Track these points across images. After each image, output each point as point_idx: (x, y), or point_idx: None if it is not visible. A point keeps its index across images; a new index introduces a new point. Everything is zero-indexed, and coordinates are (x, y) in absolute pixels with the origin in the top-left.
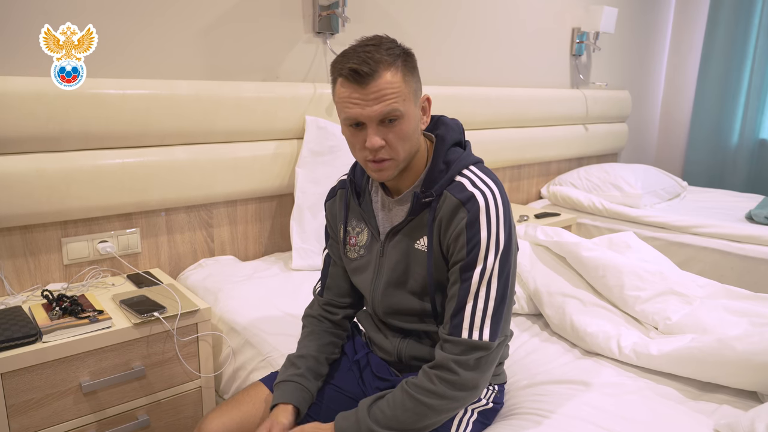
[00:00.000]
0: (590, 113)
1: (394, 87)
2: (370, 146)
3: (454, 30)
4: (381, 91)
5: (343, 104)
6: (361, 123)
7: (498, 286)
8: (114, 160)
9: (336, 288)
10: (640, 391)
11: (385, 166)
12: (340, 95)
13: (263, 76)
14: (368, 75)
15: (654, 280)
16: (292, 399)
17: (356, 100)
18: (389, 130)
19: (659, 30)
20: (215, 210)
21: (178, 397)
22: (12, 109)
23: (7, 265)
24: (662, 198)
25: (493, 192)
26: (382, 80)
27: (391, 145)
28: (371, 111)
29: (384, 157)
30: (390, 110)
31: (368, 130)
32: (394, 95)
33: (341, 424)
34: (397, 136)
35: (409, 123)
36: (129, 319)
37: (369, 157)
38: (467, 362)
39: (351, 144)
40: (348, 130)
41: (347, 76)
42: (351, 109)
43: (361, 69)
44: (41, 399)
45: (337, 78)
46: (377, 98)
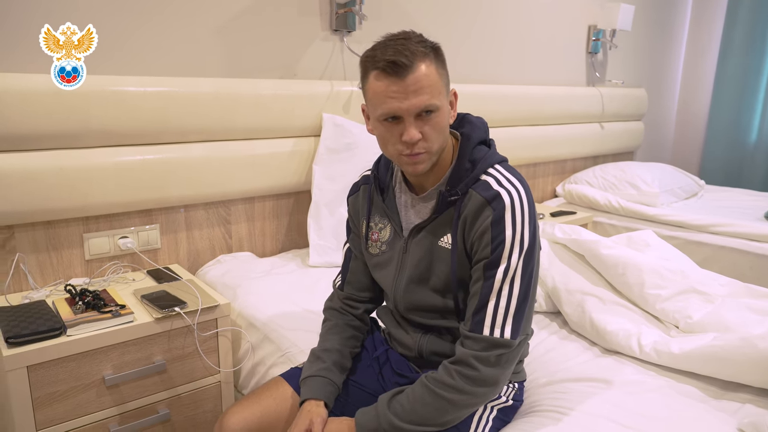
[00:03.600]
0: (606, 111)
1: (431, 79)
2: (409, 139)
3: (471, 28)
4: (419, 83)
5: (379, 99)
6: (397, 117)
7: (521, 284)
8: (134, 156)
9: (356, 282)
10: (661, 389)
11: (421, 159)
12: (375, 89)
13: (281, 74)
14: (407, 67)
15: (675, 278)
16: (321, 395)
17: (394, 94)
18: (425, 123)
19: (676, 27)
20: (233, 207)
21: (198, 391)
22: (33, 106)
23: (31, 259)
24: (679, 197)
25: (519, 191)
26: (419, 72)
27: (427, 137)
28: (410, 104)
29: (420, 151)
30: (429, 103)
31: (405, 123)
32: (431, 87)
33: (361, 419)
34: (433, 128)
35: (443, 116)
36: (150, 313)
37: (405, 151)
38: (488, 358)
39: (383, 139)
40: (382, 125)
41: (384, 69)
42: (389, 103)
43: (400, 60)
44: (65, 391)
45: (371, 72)
46: (416, 91)
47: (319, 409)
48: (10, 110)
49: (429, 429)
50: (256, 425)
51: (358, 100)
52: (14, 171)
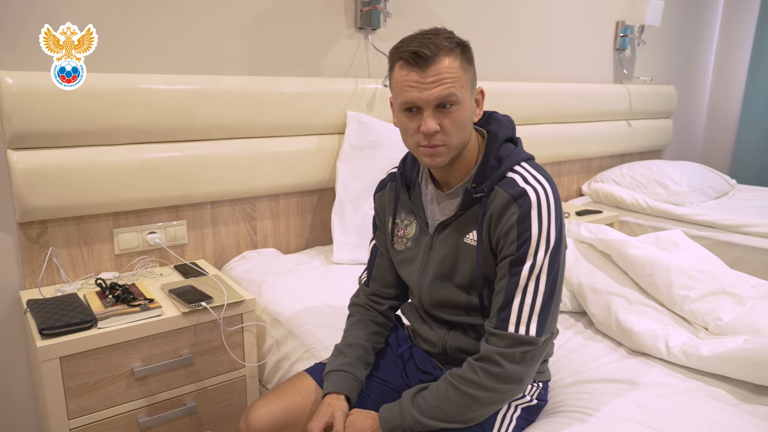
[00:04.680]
0: (634, 109)
1: (453, 72)
2: (426, 130)
3: (496, 24)
4: (440, 74)
5: (400, 88)
6: (417, 108)
7: (547, 282)
8: (162, 153)
9: (382, 279)
10: (689, 392)
11: (438, 151)
12: (397, 79)
13: (305, 72)
14: (429, 58)
15: (704, 279)
16: (343, 388)
17: (414, 83)
18: (444, 115)
19: (707, 22)
20: (258, 203)
21: (223, 385)
22: (67, 104)
23: (63, 253)
24: (709, 196)
25: (545, 188)
26: (441, 64)
27: (446, 130)
28: (429, 94)
29: (437, 143)
30: (447, 94)
31: (424, 113)
32: (452, 80)
33: (385, 414)
34: (452, 122)
35: (464, 111)
36: (178, 308)
37: (423, 142)
38: (513, 355)
39: (404, 130)
40: (403, 116)
41: (407, 59)
42: (408, 93)
43: (422, 51)
44: (96, 382)
45: (396, 62)
46: (435, 82)
47: (340, 402)
48: (48, 108)
49: (453, 426)
50: (282, 419)
51: (382, 98)
52: (50, 167)
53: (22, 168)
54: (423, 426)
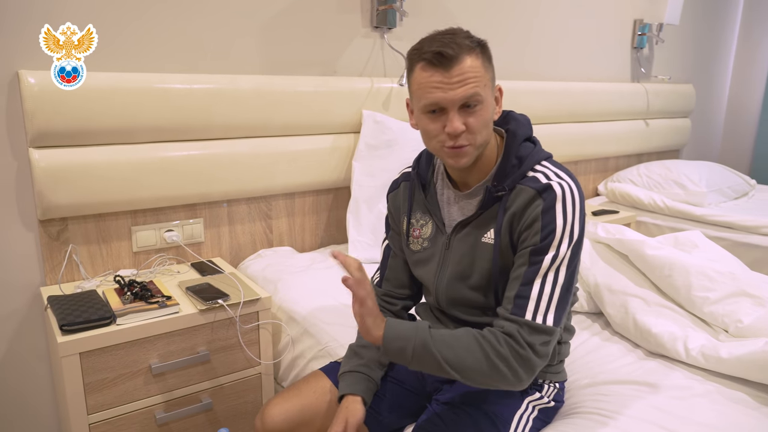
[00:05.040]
0: (651, 108)
1: (476, 71)
2: (452, 131)
3: (513, 23)
4: (464, 74)
5: (423, 89)
6: (440, 109)
7: (566, 274)
8: (180, 152)
9: (395, 280)
10: (709, 394)
11: (464, 151)
12: (420, 81)
13: (321, 71)
14: (453, 57)
15: (724, 280)
16: (359, 390)
17: (438, 84)
18: (469, 114)
19: (727, 20)
20: (274, 202)
21: (239, 382)
22: (91, 103)
23: (82, 251)
24: (728, 196)
25: (569, 183)
26: (465, 64)
27: (472, 129)
28: (454, 94)
29: (463, 143)
30: (473, 94)
31: (449, 114)
32: (476, 79)
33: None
34: (477, 121)
35: (487, 110)
36: (195, 305)
37: (448, 143)
38: (533, 344)
39: (426, 132)
40: (425, 118)
41: (430, 60)
42: (433, 94)
43: (446, 51)
44: (115, 378)
45: (416, 64)
46: (460, 81)
47: (356, 405)
48: (69, 107)
49: (451, 373)
50: (297, 417)
51: (397, 97)
52: (71, 166)
53: (44, 166)
54: (427, 355)
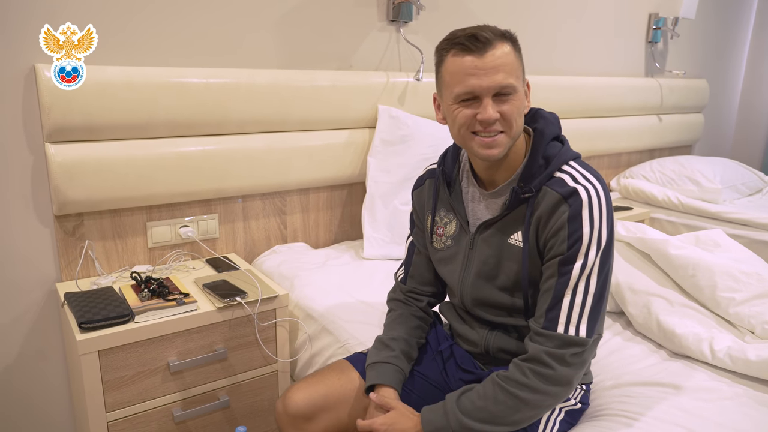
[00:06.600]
0: (665, 103)
1: (509, 59)
2: (486, 118)
3: (528, 18)
4: (498, 60)
5: (457, 77)
6: (473, 98)
7: (597, 282)
8: (195, 147)
9: (419, 277)
10: (737, 397)
11: (497, 141)
12: (452, 69)
13: (337, 65)
14: (487, 41)
15: (750, 281)
16: (392, 381)
17: (473, 70)
18: (503, 103)
19: (742, 15)
20: (289, 197)
21: (256, 379)
22: (108, 97)
23: (98, 246)
24: (742, 193)
25: (596, 187)
26: (498, 50)
27: (506, 117)
28: (490, 81)
29: (497, 130)
30: (508, 84)
31: (483, 102)
32: (509, 66)
33: (428, 415)
34: (511, 109)
35: (520, 100)
36: (212, 302)
37: (481, 132)
38: (562, 357)
39: (457, 122)
40: (455, 107)
41: (463, 44)
42: (467, 81)
43: (480, 34)
44: (133, 376)
45: (447, 53)
46: (495, 68)
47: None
48: (85, 102)
49: (499, 429)
50: (321, 402)
51: (413, 92)
52: (87, 161)
53: (60, 161)
54: (468, 428)
